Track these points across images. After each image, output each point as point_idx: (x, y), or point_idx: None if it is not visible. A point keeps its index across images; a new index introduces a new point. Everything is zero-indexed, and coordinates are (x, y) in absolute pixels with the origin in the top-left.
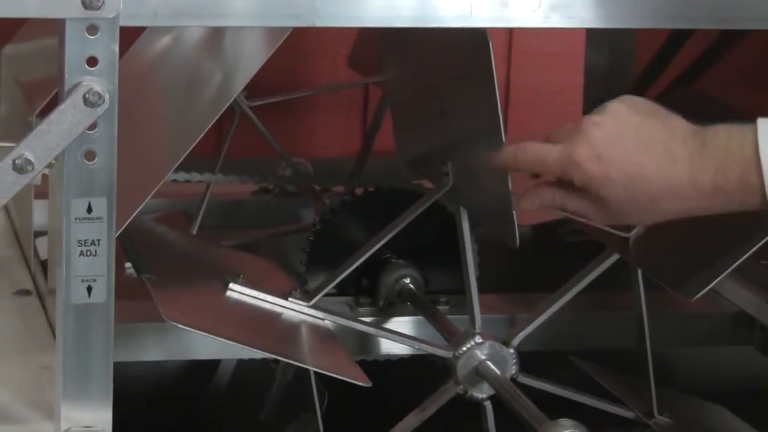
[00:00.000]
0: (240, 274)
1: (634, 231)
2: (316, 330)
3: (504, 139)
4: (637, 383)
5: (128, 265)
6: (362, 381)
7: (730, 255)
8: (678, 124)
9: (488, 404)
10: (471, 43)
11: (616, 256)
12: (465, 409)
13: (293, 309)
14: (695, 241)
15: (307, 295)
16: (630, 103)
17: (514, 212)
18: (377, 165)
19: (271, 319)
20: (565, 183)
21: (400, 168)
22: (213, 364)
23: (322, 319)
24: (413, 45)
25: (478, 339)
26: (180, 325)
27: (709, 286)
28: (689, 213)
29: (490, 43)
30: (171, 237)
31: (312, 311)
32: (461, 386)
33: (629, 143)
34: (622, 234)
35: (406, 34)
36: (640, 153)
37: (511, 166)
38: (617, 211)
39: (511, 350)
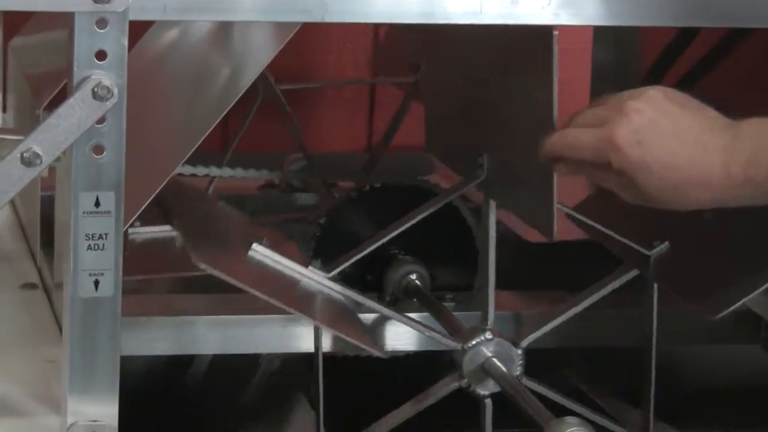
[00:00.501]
0: (264, 237)
1: (656, 249)
2: (332, 302)
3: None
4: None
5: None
6: (377, 351)
7: (760, 275)
8: (711, 115)
9: (488, 401)
10: (531, 39)
11: (634, 272)
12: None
13: (312, 278)
14: (721, 259)
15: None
16: (667, 93)
17: (555, 206)
18: (388, 161)
19: (290, 284)
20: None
21: (410, 164)
22: (188, 358)
23: (340, 293)
24: (458, 40)
25: (488, 335)
26: (210, 270)
27: (737, 305)
28: (721, 203)
29: (555, 40)
30: (194, 195)
31: (330, 283)
32: (465, 380)
33: (666, 131)
34: (645, 251)
35: (452, 31)
36: (676, 142)
37: (553, 153)
38: (651, 196)
39: (519, 351)
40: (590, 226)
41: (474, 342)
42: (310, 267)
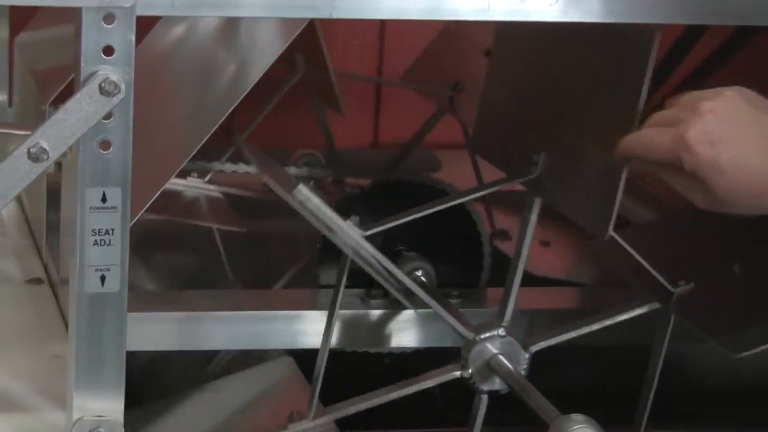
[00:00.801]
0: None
1: (680, 288)
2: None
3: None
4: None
5: None
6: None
7: None
8: None
9: (485, 398)
10: (625, 39)
11: (655, 305)
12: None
13: (348, 232)
14: (747, 300)
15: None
16: (744, 93)
17: (617, 205)
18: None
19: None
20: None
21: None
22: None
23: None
24: (527, 36)
25: (502, 332)
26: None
27: (762, 347)
28: None
29: (656, 45)
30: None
31: (364, 242)
32: (468, 371)
33: (742, 133)
34: (670, 288)
35: (521, 26)
36: (750, 144)
37: (628, 153)
38: (722, 199)
39: (527, 355)
40: (615, 258)
41: (487, 335)
42: (348, 221)
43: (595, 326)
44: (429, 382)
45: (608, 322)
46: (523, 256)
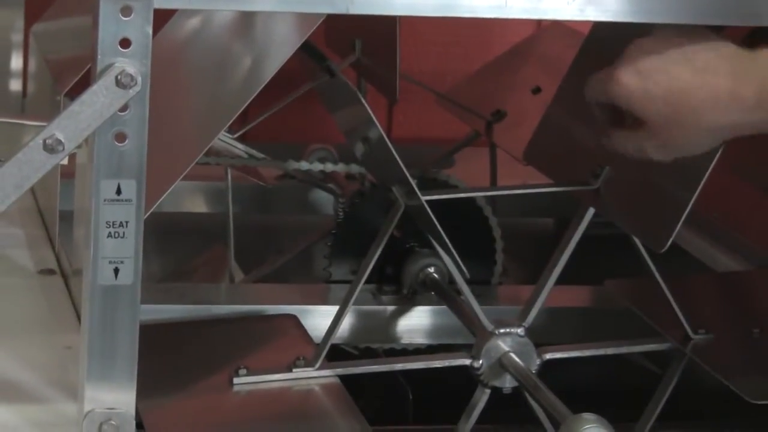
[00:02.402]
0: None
1: (699, 336)
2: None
3: None
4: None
5: None
6: None
7: None
8: (725, 44)
9: (488, 393)
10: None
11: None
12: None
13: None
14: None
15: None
16: (682, 29)
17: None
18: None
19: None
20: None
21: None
22: None
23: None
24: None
25: (521, 331)
26: None
27: None
28: (733, 128)
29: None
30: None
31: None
32: (479, 361)
33: (669, 58)
34: (690, 334)
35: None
36: (679, 66)
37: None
38: (663, 132)
39: (539, 360)
40: (640, 296)
41: (506, 330)
42: (294, 369)
43: (610, 350)
44: (437, 363)
45: (623, 350)
46: (561, 263)
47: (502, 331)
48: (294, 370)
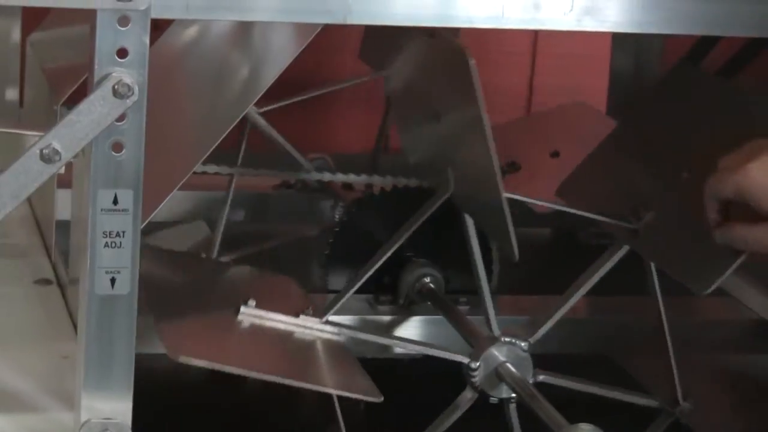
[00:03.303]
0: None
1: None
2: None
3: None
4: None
5: None
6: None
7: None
8: None
9: (474, 396)
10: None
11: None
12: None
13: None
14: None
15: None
16: None
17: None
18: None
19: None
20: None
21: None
22: None
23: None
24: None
25: (525, 346)
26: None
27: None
28: None
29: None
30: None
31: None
32: (477, 363)
33: None
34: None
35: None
36: None
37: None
38: None
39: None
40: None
41: (511, 340)
42: (302, 316)
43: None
44: (435, 351)
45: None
46: (581, 292)
47: (507, 339)
48: (301, 316)
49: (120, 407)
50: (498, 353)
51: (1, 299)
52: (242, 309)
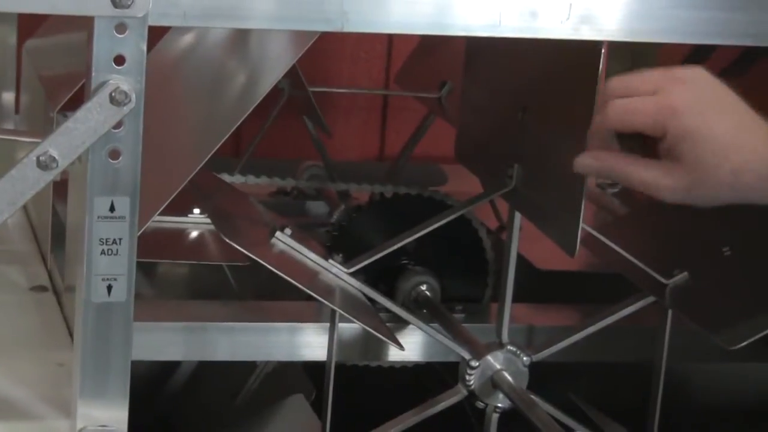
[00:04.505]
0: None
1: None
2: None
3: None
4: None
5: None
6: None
7: None
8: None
9: (463, 393)
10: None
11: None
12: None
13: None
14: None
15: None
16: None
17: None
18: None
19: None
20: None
21: (422, 175)
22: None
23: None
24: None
25: (526, 360)
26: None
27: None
28: (763, 194)
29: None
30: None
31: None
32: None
33: (727, 107)
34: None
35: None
36: (737, 120)
37: (607, 124)
38: (695, 178)
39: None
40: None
41: (516, 351)
42: (330, 260)
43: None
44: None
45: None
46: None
47: (511, 348)
48: (330, 260)
49: (116, 415)
50: (499, 360)
51: None
52: (277, 233)
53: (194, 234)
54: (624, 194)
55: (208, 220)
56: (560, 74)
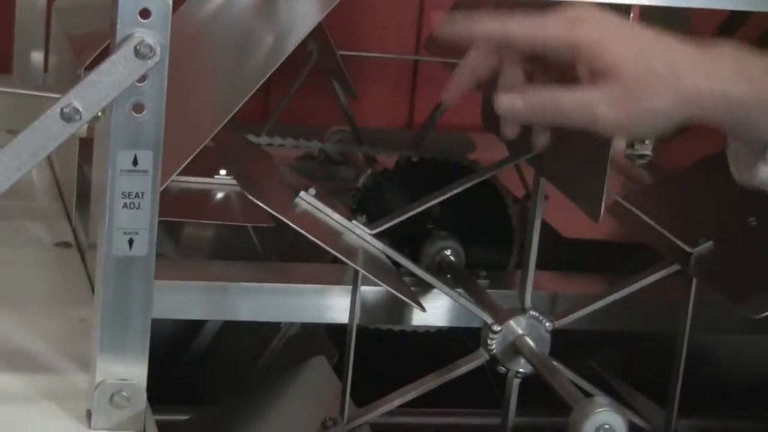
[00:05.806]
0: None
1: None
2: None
3: None
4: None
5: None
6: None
7: None
8: None
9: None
10: None
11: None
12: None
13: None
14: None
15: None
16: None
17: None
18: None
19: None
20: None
21: (450, 142)
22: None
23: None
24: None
25: (549, 326)
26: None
27: None
28: (713, 95)
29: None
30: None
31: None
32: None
33: (634, 27)
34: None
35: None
36: (648, 32)
37: (500, 38)
38: (633, 92)
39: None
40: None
41: (538, 316)
42: (354, 221)
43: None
44: (463, 301)
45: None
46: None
47: (534, 314)
48: (353, 222)
49: (135, 369)
50: (521, 325)
51: (21, 262)
52: (301, 193)
53: (220, 195)
54: (653, 166)
55: (234, 182)
56: None
